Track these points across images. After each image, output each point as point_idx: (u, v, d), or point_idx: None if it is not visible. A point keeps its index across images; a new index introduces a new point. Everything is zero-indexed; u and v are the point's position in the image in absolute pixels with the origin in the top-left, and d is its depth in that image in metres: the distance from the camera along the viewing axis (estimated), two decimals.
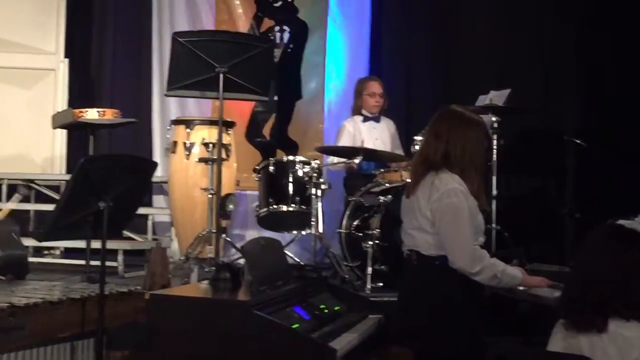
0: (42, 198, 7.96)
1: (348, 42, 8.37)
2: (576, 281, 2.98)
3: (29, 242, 6.65)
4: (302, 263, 6.36)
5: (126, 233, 7.31)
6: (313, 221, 6.12)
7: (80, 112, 6.59)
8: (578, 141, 6.86)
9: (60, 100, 8.28)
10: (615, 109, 7.38)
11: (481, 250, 3.92)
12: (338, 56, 8.37)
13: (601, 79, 7.58)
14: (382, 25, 8.37)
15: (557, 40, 7.91)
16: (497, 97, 6.64)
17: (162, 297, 3.92)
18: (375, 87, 7.18)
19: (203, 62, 5.67)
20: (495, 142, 6.51)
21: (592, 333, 2.86)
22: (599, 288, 2.86)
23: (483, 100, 6.74)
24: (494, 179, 6.54)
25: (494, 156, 6.53)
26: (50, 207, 3.88)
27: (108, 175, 3.69)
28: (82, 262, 6.29)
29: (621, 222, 3.80)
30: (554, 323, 3.10)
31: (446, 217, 3.90)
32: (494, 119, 6.51)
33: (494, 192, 6.51)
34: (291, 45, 8.40)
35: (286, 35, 8.40)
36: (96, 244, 3.87)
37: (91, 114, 6.56)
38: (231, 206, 5.95)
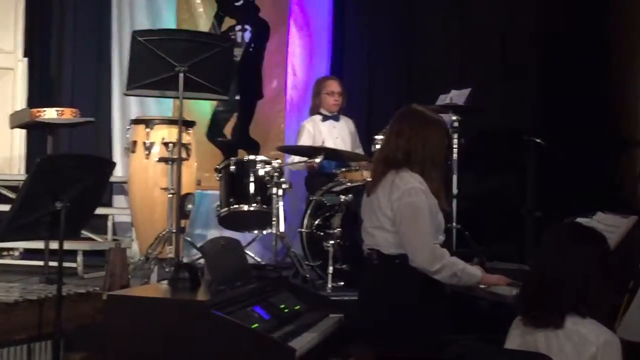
0: (0, 199, 7.87)
1: (309, 42, 8.36)
2: (534, 278, 2.99)
3: None
4: (263, 263, 6.37)
5: (86, 233, 7.25)
6: (274, 221, 6.12)
7: (38, 111, 6.50)
8: (538, 140, 6.92)
9: (19, 100, 8.18)
10: (574, 108, 7.45)
11: (441, 249, 3.94)
12: (299, 55, 8.36)
13: (560, 78, 7.65)
14: (343, 25, 8.38)
15: (517, 40, 7.98)
16: (457, 96, 6.68)
17: (120, 297, 3.89)
18: (334, 85, 7.19)
19: (163, 61, 5.63)
20: (455, 141, 6.56)
21: (548, 330, 2.88)
22: (556, 285, 2.88)
23: (444, 99, 6.78)
24: (455, 177, 6.58)
25: (455, 155, 6.57)
26: (8, 207, 3.85)
27: (65, 175, 3.65)
28: (42, 263, 6.22)
29: (580, 220, 3.83)
30: (512, 320, 3.11)
31: (406, 216, 3.91)
32: (454, 118, 6.56)
33: (455, 191, 6.55)
34: (252, 45, 8.38)
35: (247, 35, 8.38)
36: (55, 245, 3.83)
37: (49, 114, 6.47)
38: (190, 206, 5.93)
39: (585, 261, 2.88)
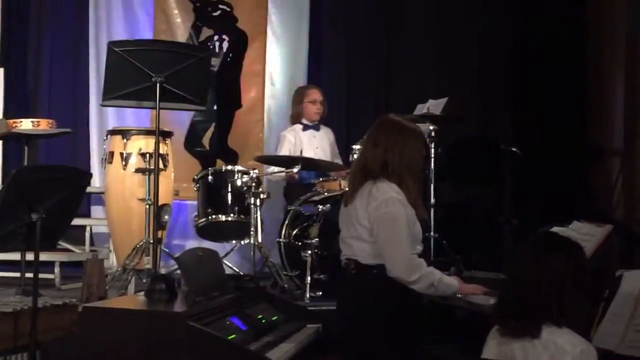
0: None
1: (287, 51, 8.37)
2: (510, 287, 3.00)
3: None
4: (241, 273, 6.36)
5: (63, 244, 7.21)
6: (252, 231, 6.12)
7: (14, 122, 6.46)
8: (514, 149, 6.95)
9: None
10: (551, 117, 7.49)
11: (418, 259, 3.94)
12: (277, 65, 8.37)
13: (537, 88, 7.69)
14: (321, 34, 8.41)
15: (494, 49, 8.02)
16: (434, 105, 6.69)
17: (96, 309, 3.86)
18: (317, 94, 7.19)
19: (139, 72, 5.61)
20: (433, 150, 6.57)
21: (525, 339, 2.88)
22: (532, 294, 2.88)
23: (421, 109, 6.79)
24: (432, 187, 6.59)
25: (432, 164, 6.58)
26: None
27: (41, 187, 3.65)
28: (18, 274, 6.18)
29: (556, 229, 3.85)
30: (489, 330, 3.12)
31: (384, 226, 3.91)
32: (431, 127, 6.57)
33: (432, 200, 6.56)
34: (230, 55, 8.37)
35: (225, 45, 8.37)
36: (31, 256, 3.81)
37: (25, 125, 6.44)
38: (166, 217, 5.91)
39: (561, 270, 2.89)
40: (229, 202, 6.35)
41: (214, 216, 6.35)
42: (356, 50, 8.34)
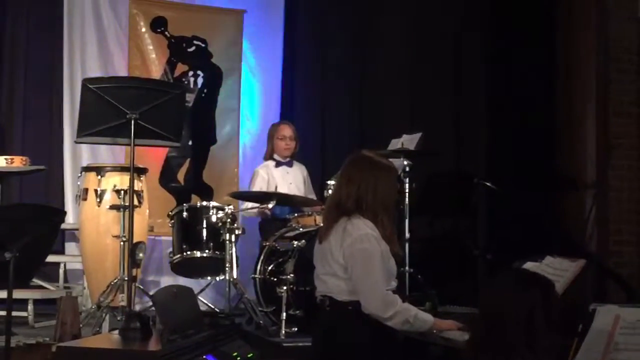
0: None
1: (262, 87, 8.41)
2: (480, 324, 3.00)
3: None
4: (216, 310, 6.33)
5: (37, 281, 7.15)
6: (227, 267, 6.11)
7: None
8: (488, 184, 6.98)
9: None
10: (524, 151, 7.54)
11: (393, 295, 3.95)
12: (252, 101, 8.40)
13: (509, 121, 7.76)
14: (295, 70, 8.45)
15: (467, 84, 8.08)
16: (408, 141, 6.73)
17: (69, 349, 3.83)
18: (286, 130, 7.22)
19: (114, 109, 5.61)
20: (407, 185, 6.59)
21: None
22: (502, 330, 2.88)
23: (395, 144, 6.82)
24: (407, 222, 6.61)
25: (406, 200, 6.60)
26: None
27: (14, 225, 3.62)
28: None
29: (529, 264, 3.87)
30: None
31: (358, 263, 3.92)
32: (405, 162, 6.59)
33: (407, 235, 6.57)
34: (205, 90, 8.38)
35: (200, 80, 8.38)
36: (4, 295, 3.78)
37: None
38: (141, 255, 5.87)
39: (529, 307, 2.89)
40: (204, 238, 6.34)
41: (189, 252, 6.34)
42: (330, 86, 8.38)
